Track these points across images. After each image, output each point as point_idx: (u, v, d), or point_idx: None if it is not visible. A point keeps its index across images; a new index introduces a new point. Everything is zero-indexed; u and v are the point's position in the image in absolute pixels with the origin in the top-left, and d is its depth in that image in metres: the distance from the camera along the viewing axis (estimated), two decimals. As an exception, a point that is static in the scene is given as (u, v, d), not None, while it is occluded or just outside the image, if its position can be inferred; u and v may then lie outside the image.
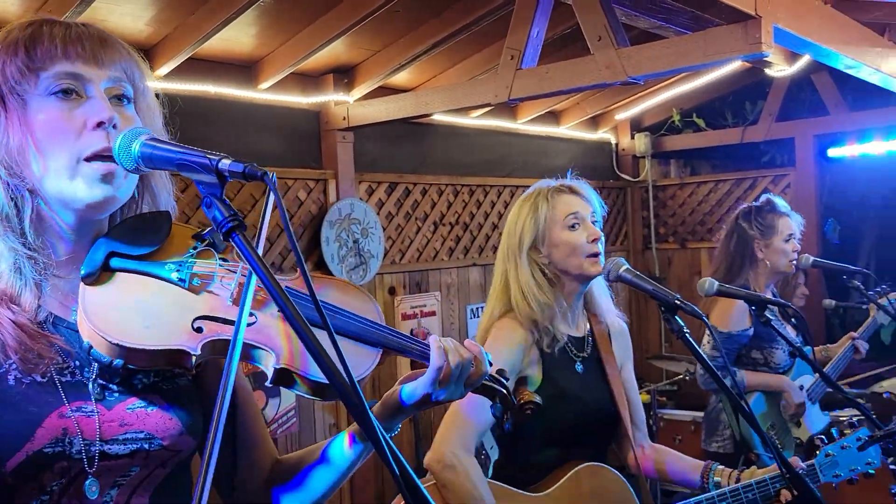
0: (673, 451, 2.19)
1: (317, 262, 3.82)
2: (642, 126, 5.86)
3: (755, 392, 3.12)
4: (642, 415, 2.18)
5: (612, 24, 2.92)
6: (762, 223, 3.15)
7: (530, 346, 1.95)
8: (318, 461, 1.27)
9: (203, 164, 1.01)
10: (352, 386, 0.90)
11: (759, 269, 3.16)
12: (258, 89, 3.59)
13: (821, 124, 5.19)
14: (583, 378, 1.98)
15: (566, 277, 2.00)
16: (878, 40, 3.71)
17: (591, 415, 1.95)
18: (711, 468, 2.03)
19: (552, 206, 1.99)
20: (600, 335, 2.07)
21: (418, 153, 4.42)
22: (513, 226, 2.03)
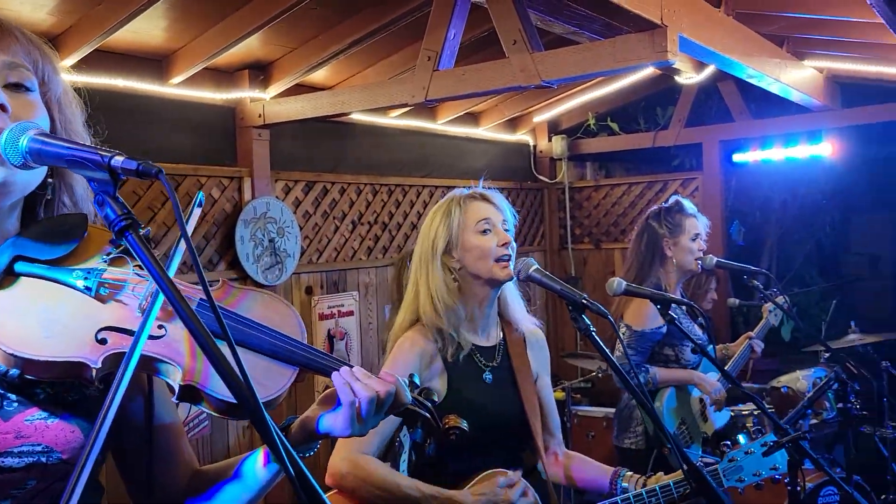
0: (585, 458, 2.24)
1: (231, 262, 3.75)
2: (559, 129, 5.98)
3: (668, 388, 3.24)
4: (557, 421, 2.22)
5: (526, 28, 2.98)
6: (671, 222, 3.28)
7: (433, 358, 1.96)
8: (232, 478, 1.24)
9: (95, 161, 0.98)
10: (256, 406, 0.89)
11: (668, 268, 3.29)
12: (169, 84, 3.49)
13: (726, 130, 5.41)
14: (491, 388, 1.99)
15: (477, 282, 2.02)
16: (777, 52, 3.90)
17: (499, 425, 1.96)
18: (620, 474, 2.07)
19: (464, 211, 2.02)
20: (514, 343, 2.08)
21: (337, 152, 4.39)
22: (426, 232, 2.05)
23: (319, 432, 1.19)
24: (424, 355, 1.95)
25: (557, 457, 2.20)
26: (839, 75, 4.82)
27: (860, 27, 3.69)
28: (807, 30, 4.04)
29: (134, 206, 3.37)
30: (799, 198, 6.06)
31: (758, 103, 5.47)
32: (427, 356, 1.96)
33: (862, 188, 6.07)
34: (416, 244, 2.09)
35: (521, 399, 2.02)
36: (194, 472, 1.29)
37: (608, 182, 6.05)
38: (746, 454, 2.07)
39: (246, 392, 0.89)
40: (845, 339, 4.28)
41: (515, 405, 2.01)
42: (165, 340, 1.09)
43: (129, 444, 1.22)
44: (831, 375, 3.47)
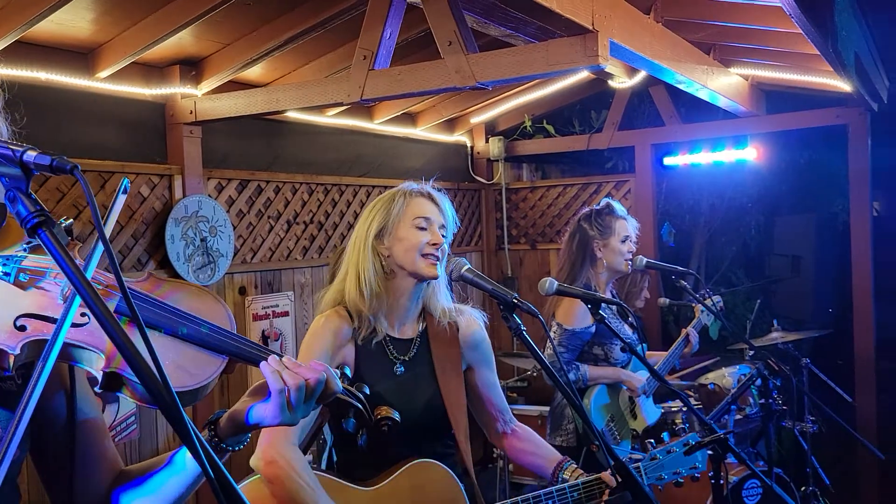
0: (537, 442, 2.27)
1: (161, 261, 3.66)
2: (496, 130, 6.04)
3: (598, 385, 3.31)
4: (504, 406, 2.25)
5: (461, 30, 2.99)
6: (601, 224, 3.36)
7: (346, 340, 1.99)
8: (163, 466, 1.22)
9: (5, 156, 0.95)
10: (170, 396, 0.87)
11: (598, 269, 3.36)
12: (96, 78, 3.39)
13: (657, 134, 5.55)
14: (401, 380, 2.01)
15: (401, 273, 2.04)
16: (704, 59, 4.02)
17: (412, 414, 1.95)
18: (563, 466, 2.12)
19: (407, 203, 2.04)
20: (435, 336, 2.09)
21: (271, 150, 4.33)
22: (365, 216, 2.09)
23: (249, 423, 1.19)
24: (338, 335, 1.98)
25: (507, 434, 2.24)
26: (763, 82, 5.00)
27: (782, 36, 3.83)
28: (732, 38, 4.17)
29: (59, 202, 3.26)
30: (726, 201, 6.26)
31: (687, 108, 5.63)
32: (340, 337, 1.98)
33: (785, 191, 6.32)
34: (356, 233, 2.11)
35: (439, 394, 2.02)
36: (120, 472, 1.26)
37: (544, 183, 6.14)
38: (668, 453, 2.12)
39: (160, 386, 0.88)
40: (768, 337, 4.44)
41: (427, 400, 2.02)
42: (89, 328, 1.08)
43: (50, 442, 1.20)
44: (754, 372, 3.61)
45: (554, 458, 2.16)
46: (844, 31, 3.16)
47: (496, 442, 2.27)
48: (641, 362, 2.50)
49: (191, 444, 0.87)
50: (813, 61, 4.10)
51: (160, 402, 0.88)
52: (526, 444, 2.25)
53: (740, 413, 4.09)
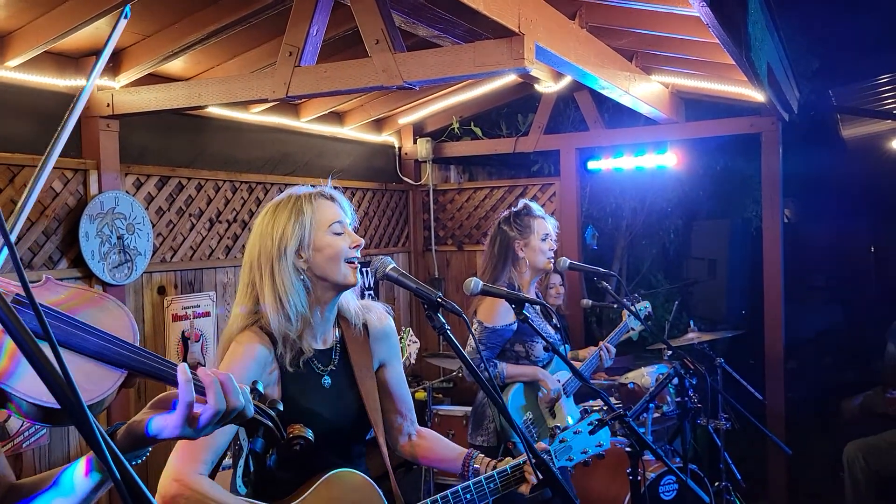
0: (439, 437, 2.26)
1: (75, 260, 3.52)
2: (424, 131, 6.05)
3: (516, 384, 3.35)
4: (410, 404, 2.23)
5: (389, 29, 2.99)
6: (520, 224, 3.44)
7: (269, 365, 1.88)
8: (48, 488, 1.16)
9: None
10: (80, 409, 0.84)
11: (521, 268, 3.42)
12: (5, 67, 3.24)
13: (582, 139, 5.66)
14: (329, 392, 1.96)
15: (322, 285, 1.95)
16: (627, 66, 4.13)
17: (338, 429, 1.94)
18: (472, 456, 2.13)
19: (316, 210, 1.94)
20: (351, 340, 2.05)
21: (194, 147, 4.22)
22: (268, 230, 1.92)
23: (149, 435, 1.14)
24: (261, 362, 1.86)
25: (410, 437, 2.23)
26: (682, 91, 5.16)
27: (700, 46, 3.97)
28: (653, 46, 4.30)
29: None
30: (647, 205, 6.43)
31: (611, 114, 5.77)
32: (263, 363, 1.86)
33: (703, 197, 6.54)
34: (250, 243, 1.96)
35: (361, 398, 2.00)
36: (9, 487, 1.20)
37: (471, 185, 6.18)
38: (575, 434, 2.19)
39: (69, 394, 0.85)
40: (685, 338, 4.59)
41: (354, 406, 2.00)
42: None
43: None
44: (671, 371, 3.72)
45: (461, 451, 2.17)
46: (757, 42, 3.29)
47: (403, 447, 2.22)
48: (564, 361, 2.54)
49: (98, 448, 0.84)
50: (729, 71, 4.26)
51: (65, 403, 0.85)
52: (432, 442, 2.24)
53: (658, 411, 4.21)
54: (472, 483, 2.00)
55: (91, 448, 0.87)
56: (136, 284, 3.83)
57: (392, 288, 5.82)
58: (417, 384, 5.46)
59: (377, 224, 5.71)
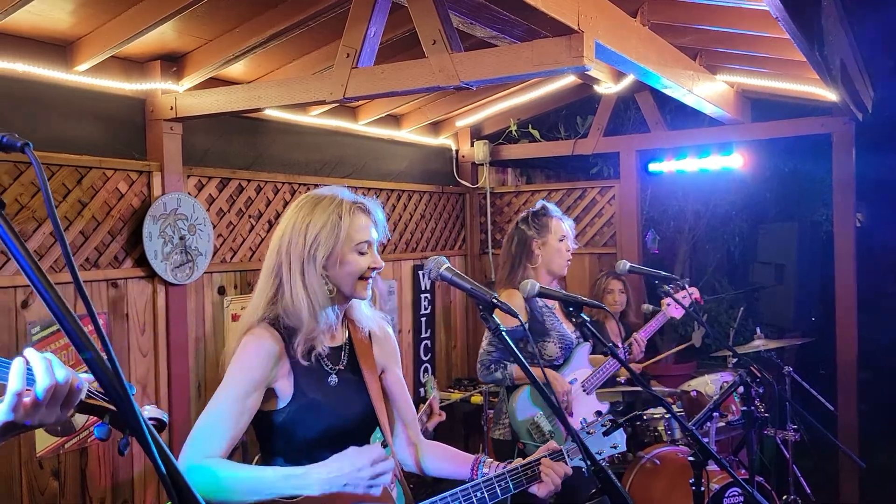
0: (445, 447, 2.25)
1: (138, 259, 3.59)
2: (481, 134, 6.01)
3: (524, 386, 3.30)
4: (414, 414, 2.22)
5: (446, 29, 2.96)
6: (538, 223, 3.43)
7: (280, 357, 1.90)
8: None
9: None
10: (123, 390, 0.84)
11: (537, 269, 3.38)
12: (74, 71, 3.33)
13: (643, 140, 5.54)
14: (335, 390, 1.97)
15: (336, 293, 1.97)
16: (691, 64, 4.01)
17: (347, 423, 1.96)
18: (481, 461, 2.10)
19: (351, 224, 1.94)
20: (359, 343, 2.07)
21: (253, 149, 4.28)
22: (302, 227, 1.92)
23: None
24: (272, 355, 1.88)
25: (416, 446, 2.20)
26: (749, 90, 5.01)
27: (769, 43, 3.83)
28: (719, 43, 4.17)
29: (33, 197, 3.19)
30: (711, 208, 6.26)
31: (673, 115, 5.63)
32: (275, 356, 1.89)
33: (769, 200, 6.33)
34: (282, 228, 1.97)
35: (368, 398, 2.01)
36: None
37: (529, 188, 6.12)
38: (588, 434, 2.15)
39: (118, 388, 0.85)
40: (751, 345, 4.43)
41: (361, 406, 2.00)
42: None
43: None
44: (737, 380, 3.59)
45: (469, 457, 2.15)
46: (831, 37, 3.16)
47: (409, 456, 2.19)
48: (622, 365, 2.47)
49: (144, 441, 0.84)
50: (799, 68, 4.11)
51: (113, 395, 0.86)
52: (439, 450, 2.22)
53: (722, 420, 4.07)
54: (482, 481, 1.96)
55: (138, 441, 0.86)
56: (197, 284, 3.89)
57: (447, 291, 5.80)
58: (474, 388, 5.43)
59: (433, 227, 5.70)
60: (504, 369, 3.28)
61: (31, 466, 3.15)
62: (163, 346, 3.69)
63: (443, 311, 5.76)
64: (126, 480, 3.54)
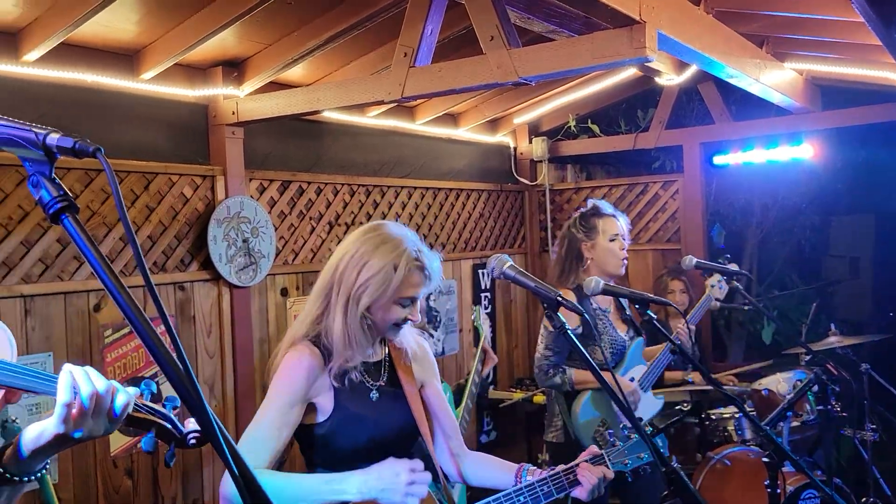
0: (487, 457, 2.26)
1: (204, 262, 3.66)
2: (540, 131, 5.95)
3: (586, 391, 3.21)
4: (455, 424, 2.23)
5: (504, 24, 2.93)
6: (586, 225, 3.34)
7: (321, 373, 1.94)
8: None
9: (28, 139, 0.93)
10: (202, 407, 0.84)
11: (589, 271, 3.28)
12: (140, 80, 3.41)
13: (707, 133, 5.40)
14: (377, 405, 2.00)
15: (372, 327, 2.00)
16: (757, 52, 3.88)
17: (388, 436, 1.98)
18: (524, 469, 2.10)
19: (403, 279, 1.93)
20: (397, 358, 2.09)
21: (313, 151, 4.32)
22: (359, 262, 1.93)
23: (28, 443, 1.13)
24: (312, 371, 1.93)
25: (459, 457, 2.20)
26: (819, 77, 4.82)
27: (840, 27, 3.68)
28: (787, 30, 4.02)
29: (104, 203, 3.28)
30: (779, 200, 6.06)
31: (738, 105, 5.46)
32: (315, 372, 1.93)
33: (842, 191, 6.08)
34: (341, 257, 1.98)
35: (409, 411, 2.03)
36: None
37: (589, 184, 6.02)
38: (629, 439, 2.14)
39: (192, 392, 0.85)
40: (825, 342, 4.26)
41: (403, 419, 2.02)
42: None
43: None
44: (811, 377, 3.46)
45: (511, 466, 2.14)
46: (908, 18, 3.00)
47: (452, 467, 2.19)
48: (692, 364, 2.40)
49: (217, 443, 0.84)
50: (872, 53, 3.93)
51: (184, 394, 0.86)
52: (483, 460, 2.23)
53: (797, 420, 3.93)
54: (524, 486, 1.98)
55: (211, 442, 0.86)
56: (261, 286, 3.95)
57: (508, 290, 5.75)
58: (535, 387, 5.37)
59: (492, 226, 5.66)
60: (563, 373, 3.21)
61: (105, 466, 3.24)
62: (228, 348, 3.76)
63: (503, 311, 5.72)
64: (196, 480, 3.62)
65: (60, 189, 0.93)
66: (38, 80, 3.08)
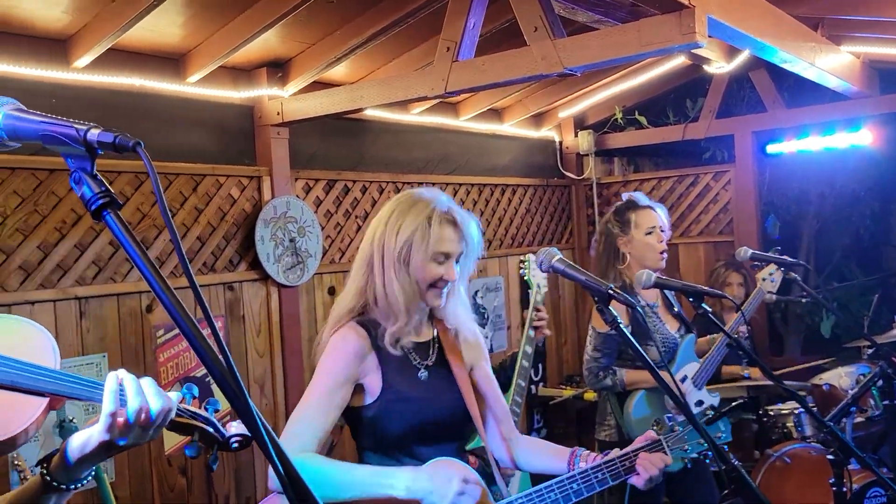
0: (539, 441, 2.21)
1: (252, 263, 3.69)
2: (585, 124, 5.86)
3: (638, 391, 3.12)
4: (506, 408, 2.17)
5: (547, 14, 2.88)
6: (620, 220, 3.25)
7: (367, 354, 1.92)
8: None
9: (70, 136, 0.93)
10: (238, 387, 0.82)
11: (628, 267, 3.18)
12: (186, 83, 3.45)
13: (759, 121, 5.25)
14: (425, 385, 1.96)
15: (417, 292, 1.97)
16: (811, 35, 3.75)
17: (438, 417, 1.94)
18: (577, 454, 2.03)
19: (436, 234, 1.92)
20: (446, 339, 2.05)
21: (357, 150, 4.32)
22: (394, 227, 1.93)
23: (73, 451, 1.12)
24: (360, 352, 1.91)
25: (510, 441, 2.15)
26: (877, 60, 4.64)
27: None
28: (842, 10, 3.88)
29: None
30: (837, 189, 5.86)
31: (792, 92, 5.30)
32: (362, 352, 1.92)
33: (903, 178, 5.85)
34: (377, 225, 1.97)
35: (459, 393, 1.99)
36: None
37: (637, 177, 5.92)
38: (688, 425, 2.02)
39: (233, 385, 0.84)
40: (889, 334, 4.09)
41: (453, 400, 1.98)
42: None
43: None
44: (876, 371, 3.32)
45: (563, 451, 2.08)
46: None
47: (503, 451, 2.15)
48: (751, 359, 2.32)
49: (263, 442, 0.82)
50: (935, 32, 3.76)
51: (229, 394, 0.84)
52: (535, 445, 2.18)
53: (861, 415, 3.79)
54: (578, 473, 1.91)
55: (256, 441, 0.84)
56: (308, 285, 3.96)
57: (556, 286, 5.68)
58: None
59: (539, 221, 5.60)
60: (613, 375, 3.12)
61: (160, 464, 3.29)
62: (278, 347, 3.78)
63: (551, 307, 5.65)
64: (248, 477, 3.65)
65: (102, 185, 0.92)
66: (88, 85, 3.14)
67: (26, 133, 0.95)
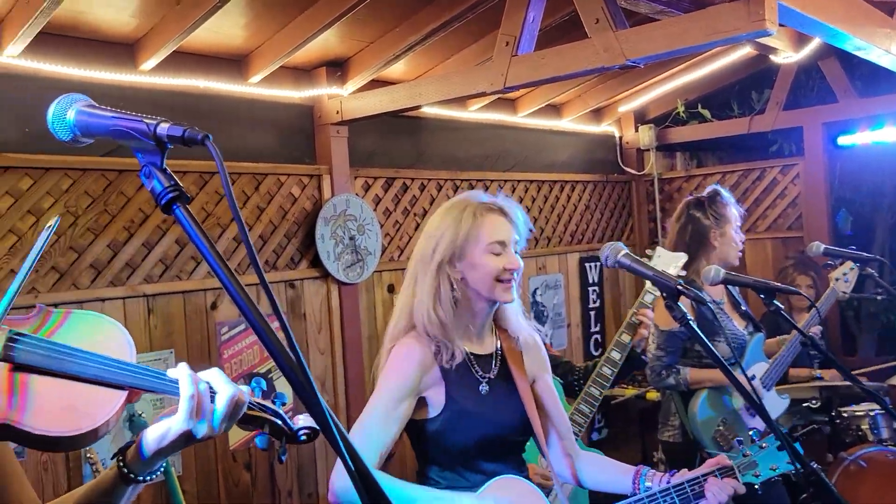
0: (602, 458, 2.16)
1: (312, 260, 3.73)
2: (646, 118, 5.75)
3: (702, 391, 3.02)
4: (567, 424, 2.12)
5: (609, 5, 2.82)
6: (716, 212, 3.10)
7: (430, 366, 1.87)
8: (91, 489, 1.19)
9: (140, 130, 0.94)
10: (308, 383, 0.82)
11: (711, 260, 3.06)
12: (248, 83, 3.51)
13: (830, 112, 5.06)
14: (486, 398, 1.90)
15: (476, 297, 1.91)
16: (886, 20, 3.58)
17: (500, 433, 1.89)
18: (642, 473, 1.97)
19: (478, 225, 1.88)
20: (510, 351, 1.99)
21: (415, 148, 4.33)
22: (430, 232, 1.91)
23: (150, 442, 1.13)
24: (422, 364, 1.86)
25: (572, 457, 2.09)
26: (958, 45, 4.42)
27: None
28: (921, -5, 3.70)
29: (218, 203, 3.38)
30: (913, 181, 5.62)
31: (864, 81, 5.09)
32: (425, 365, 1.87)
33: None
34: (422, 243, 1.94)
35: (522, 407, 1.94)
36: None
37: (700, 172, 5.77)
38: (761, 448, 1.95)
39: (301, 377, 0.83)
40: (973, 334, 3.90)
41: (515, 414, 1.93)
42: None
43: None
44: (959, 372, 3.17)
45: (627, 468, 2.02)
46: None
47: (565, 465, 2.09)
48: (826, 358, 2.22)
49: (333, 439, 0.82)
50: None
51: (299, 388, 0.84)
52: (597, 462, 2.13)
53: (942, 418, 3.61)
54: (646, 496, 1.86)
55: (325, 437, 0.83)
56: (368, 283, 3.98)
57: (616, 283, 5.59)
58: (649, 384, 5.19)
59: (599, 217, 5.52)
60: (677, 374, 3.04)
61: (225, 460, 3.34)
62: (338, 345, 3.81)
63: (612, 305, 5.57)
64: (310, 474, 3.68)
65: (171, 179, 0.93)
66: (154, 87, 3.21)
67: (98, 129, 0.96)
